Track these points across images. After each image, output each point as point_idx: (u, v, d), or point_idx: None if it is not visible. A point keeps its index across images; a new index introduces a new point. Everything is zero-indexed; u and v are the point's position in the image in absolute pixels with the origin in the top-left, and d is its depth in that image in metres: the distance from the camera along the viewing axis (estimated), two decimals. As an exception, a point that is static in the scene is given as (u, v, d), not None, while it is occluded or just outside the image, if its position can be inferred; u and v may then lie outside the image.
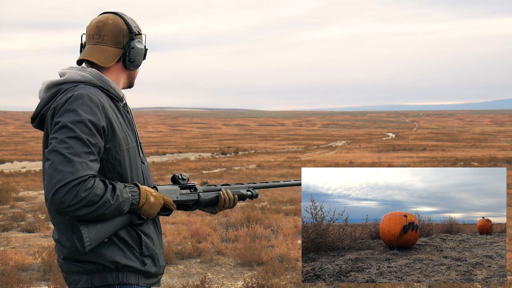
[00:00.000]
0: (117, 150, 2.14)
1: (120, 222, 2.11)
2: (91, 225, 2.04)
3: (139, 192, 2.12)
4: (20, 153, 38.82)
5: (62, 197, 1.93)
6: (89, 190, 1.96)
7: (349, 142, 62.51)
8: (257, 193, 2.57)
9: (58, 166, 1.95)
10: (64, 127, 2.01)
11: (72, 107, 2.05)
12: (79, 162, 1.96)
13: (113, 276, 2.14)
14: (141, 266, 2.18)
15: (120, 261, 2.13)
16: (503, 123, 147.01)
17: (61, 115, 2.05)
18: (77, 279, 2.15)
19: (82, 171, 1.96)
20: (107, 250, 2.12)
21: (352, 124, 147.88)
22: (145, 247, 2.20)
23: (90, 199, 1.96)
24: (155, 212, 2.18)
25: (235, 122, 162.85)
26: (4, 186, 14.35)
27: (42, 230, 9.26)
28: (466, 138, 68.16)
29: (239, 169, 24.38)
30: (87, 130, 2.02)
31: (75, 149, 1.98)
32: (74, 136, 1.99)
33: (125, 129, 2.22)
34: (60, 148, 1.98)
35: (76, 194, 1.93)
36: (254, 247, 7.27)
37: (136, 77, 2.39)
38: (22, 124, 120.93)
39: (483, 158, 29.31)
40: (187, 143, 59.09)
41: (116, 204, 2.03)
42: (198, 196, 2.39)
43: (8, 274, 5.86)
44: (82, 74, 2.20)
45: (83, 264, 2.14)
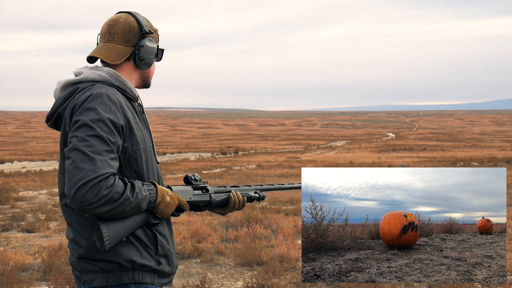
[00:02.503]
0: (135, 149, 2.15)
1: (137, 221, 2.12)
2: (110, 223, 2.05)
3: (156, 191, 2.14)
4: (20, 153, 38.82)
5: (84, 194, 1.94)
6: (110, 187, 1.97)
7: (349, 142, 62.52)
8: (264, 195, 2.57)
9: (79, 164, 1.96)
10: (85, 125, 2.02)
11: (91, 105, 2.06)
12: (100, 160, 1.97)
13: (129, 275, 2.14)
14: (156, 266, 2.19)
15: (136, 260, 2.14)
16: (503, 123, 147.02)
17: (80, 113, 2.06)
18: (92, 278, 2.16)
19: (103, 169, 1.97)
20: (123, 249, 2.13)
21: (352, 124, 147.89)
22: (160, 246, 2.22)
23: (111, 197, 1.97)
24: (170, 211, 2.19)
25: (235, 122, 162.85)
26: (4, 186, 14.35)
27: (42, 230, 9.26)
28: (466, 138, 68.16)
29: (239, 169, 24.38)
30: (107, 129, 2.03)
31: (96, 147, 1.99)
32: (94, 135, 2.00)
33: (142, 129, 2.24)
34: (81, 146, 1.98)
35: (98, 192, 1.94)
36: (254, 247, 7.27)
37: (152, 77, 2.40)
38: (22, 124, 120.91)
39: (483, 158, 29.31)
40: (187, 143, 59.08)
41: (136, 201, 2.04)
42: (210, 197, 2.39)
43: (8, 274, 5.85)
44: (99, 74, 2.21)
45: (99, 262, 2.14)
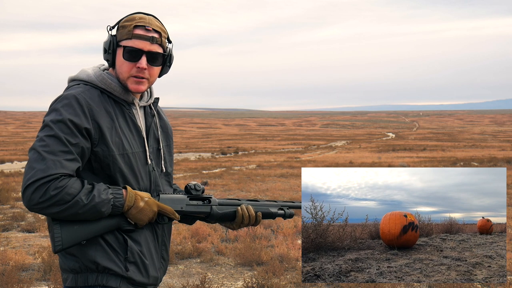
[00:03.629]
0: (106, 154, 2.10)
1: (104, 225, 2.06)
2: (67, 225, 2.00)
3: (126, 195, 2.08)
4: (20, 153, 38.79)
5: (31, 193, 1.93)
6: (59, 188, 1.94)
7: (349, 142, 62.50)
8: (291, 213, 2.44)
9: (32, 163, 1.97)
10: (46, 126, 2.03)
11: (56, 106, 2.06)
12: (52, 160, 1.96)
13: (93, 277, 2.10)
14: (122, 272, 2.13)
15: (100, 262, 2.09)
16: (503, 123, 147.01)
17: (47, 114, 2.07)
18: (65, 277, 2.15)
19: (54, 169, 1.95)
20: (90, 249, 2.09)
21: (352, 124, 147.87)
22: (131, 253, 2.14)
23: (60, 198, 1.94)
24: (144, 218, 2.12)
25: (235, 122, 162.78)
26: (4, 186, 14.36)
27: (42, 230, 9.26)
28: (466, 138, 68.15)
29: (239, 169, 24.37)
30: (67, 130, 2.01)
31: (50, 147, 1.98)
32: (52, 135, 2.00)
33: (125, 134, 2.17)
34: (37, 146, 1.99)
35: (45, 192, 1.93)
36: (254, 247, 7.27)
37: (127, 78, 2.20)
38: (22, 124, 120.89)
39: (483, 158, 29.30)
40: (187, 143, 59.07)
41: (91, 204, 1.99)
42: (210, 209, 2.29)
43: (8, 274, 5.85)
44: (88, 74, 2.20)
45: (68, 261, 2.12)
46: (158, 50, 2.22)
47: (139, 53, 2.18)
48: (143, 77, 2.21)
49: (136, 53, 2.18)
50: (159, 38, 2.22)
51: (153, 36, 2.20)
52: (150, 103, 2.32)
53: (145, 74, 2.21)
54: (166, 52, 2.27)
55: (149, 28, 2.20)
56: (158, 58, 2.23)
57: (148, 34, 2.19)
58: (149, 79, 2.23)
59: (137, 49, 2.18)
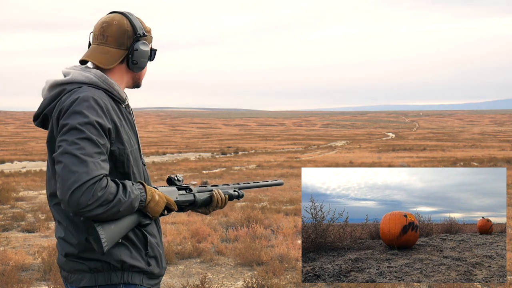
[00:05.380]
0: (121, 152, 2.15)
1: (130, 222, 2.12)
2: (106, 225, 2.05)
3: (145, 189, 2.14)
4: (20, 153, 38.81)
5: (79, 197, 1.93)
6: (104, 189, 1.97)
7: (349, 142, 62.51)
8: (242, 193, 2.61)
9: (72, 167, 1.96)
10: (73, 129, 2.03)
11: (78, 109, 2.06)
12: (92, 162, 1.98)
13: (118, 275, 2.15)
14: (146, 267, 2.20)
15: (126, 260, 2.15)
16: (503, 123, 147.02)
17: (68, 117, 2.06)
18: (80, 278, 2.15)
19: (96, 170, 1.97)
20: (114, 249, 2.13)
21: (352, 124, 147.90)
22: (150, 247, 2.22)
23: (106, 198, 1.97)
24: (160, 210, 2.19)
25: (235, 122, 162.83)
26: (4, 186, 14.36)
27: (42, 230, 9.26)
28: (466, 138, 68.14)
29: (239, 169, 24.37)
30: (95, 131, 2.04)
31: (87, 150, 1.99)
32: (84, 137, 2.01)
33: (128, 131, 2.24)
34: (72, 150, 1.98)
35: (93, 194, 1.94)
36: (254, 247, 7.27)
37: (143, 78, 2.39)
38: (22, 124, 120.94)
39: (483, 158, 29.30)
40: (187, 143, 59.06)
41: (129, 201, 2.04)
42: (194, 196, 2.41)
43: (8, 274, 5.85)
44: (87, 76, 2.20)
45: (88, 262, 2.14)
46: None
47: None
48: None
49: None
50: None
51: None
52: (127, 102, 2.39)
53: None
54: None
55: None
56: None
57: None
58: None
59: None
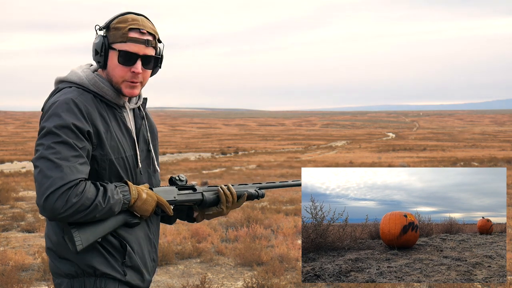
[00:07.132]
0: (104, 158, 2.09)
1: (114, 222, 2.07)
2: (82, 226, 2.00)
3: (130, 189, 2.08)
4: (20, 153, 38.80)
5: (53, 203, 1.90)
6: (80, 195, 1.93)
7: (349, 142, 62.51)
8: (263, 193, 2.49)
9: (47, 172, 1.92)
10: (49, 133, 1.99)
11: (57, 111, 2.02)
12: (67, 166, 1.93)
13: (91, 281, 2.09)
14: (120, 276, 2.12)
15: (98, 267, 2.08)
16: (503, 123, 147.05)
17: (46, 120, 2.03)
18: (59, 282, 2.12)
19: (71, 175, 1.93)
20: (87, 254, 2.08)
21: (352, 124, 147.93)
22: (129, 257, 2.14)
23: (82, 204, 1.93)
24: (150, 208, 2.12)
25: (235, 122, 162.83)
26: (4, 186, 14.35)
27: (42, 230, 9.26)
28: (466, 138, 68.15)
29: (239, 169, 24.38)
30: (72, 134, 1.99)
31: (62, 154, 1.95)
32: (60, 141, 1.97)
33: (119, 138, 2.16)
34: (47, 154, 1.95)
35: (68, 200, 1.90)
36: (254, 247, 7.27)
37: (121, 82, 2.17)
38: (22, 124, 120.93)
39: (483, 158, 29.31)
40: (187, 143, 59.06)
41: (108, 206, 2.00)
42: (202, 195, 2.31)
43: (8, 274, 5.85)
44: (80, 76, 2.16)
45: (63, 262, 2.09)
46: (152, 53, 2.19)
47: (134, 57, 2.15)
48: (137, 82, 2.18)
49: (131, 57, 2.14)
50: (153, 40, 2.19)
51: (147, 39, 2.17)
52: (139, 105, 2.30)
53: (139, 78, 2.18)
54: (158, 53, 2.24)
55: (143, 31, 2.16)
56: (152, 60, 2.20)
57: (143, 37, 2.16)
58: (142, 82, 2.21)
59: (132, 53, 2.14)
